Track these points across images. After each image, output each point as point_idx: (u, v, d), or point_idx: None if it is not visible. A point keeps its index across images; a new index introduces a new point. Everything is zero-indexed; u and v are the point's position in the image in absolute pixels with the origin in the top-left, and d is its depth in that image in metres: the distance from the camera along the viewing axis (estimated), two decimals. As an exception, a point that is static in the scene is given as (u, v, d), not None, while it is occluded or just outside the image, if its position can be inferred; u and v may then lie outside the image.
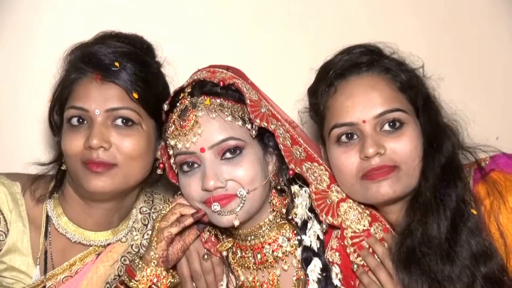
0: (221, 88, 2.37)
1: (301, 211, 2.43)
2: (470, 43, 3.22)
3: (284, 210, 2.46)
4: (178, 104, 2.39)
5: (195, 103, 2.35)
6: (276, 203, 2.46)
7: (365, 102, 2.38)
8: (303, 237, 2.42)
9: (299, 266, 2.44)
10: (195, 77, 2.42)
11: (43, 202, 2.53)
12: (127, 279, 2.46)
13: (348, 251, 2.40)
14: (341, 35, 2.55)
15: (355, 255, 2.39)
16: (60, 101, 2.48)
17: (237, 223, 2.34)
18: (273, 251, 2.47)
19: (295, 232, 2.45)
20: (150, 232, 2.57)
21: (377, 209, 2.47)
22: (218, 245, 2.53)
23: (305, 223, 2.43)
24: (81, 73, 2.44)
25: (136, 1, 3.03)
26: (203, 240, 2.55)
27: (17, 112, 2.92)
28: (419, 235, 2.33)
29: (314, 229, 2.42)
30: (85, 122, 2.41)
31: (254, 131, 2.35)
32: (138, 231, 2.66)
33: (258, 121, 2.33)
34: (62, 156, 2.48)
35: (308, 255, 2.40)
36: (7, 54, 2.95)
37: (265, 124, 2.34)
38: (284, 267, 2.47)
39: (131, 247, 2.64)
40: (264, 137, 2.41)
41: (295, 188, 2.46)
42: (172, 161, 2.43)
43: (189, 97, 2.37)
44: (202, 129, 2.32)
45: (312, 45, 2.52)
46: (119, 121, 2.41)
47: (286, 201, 2.47)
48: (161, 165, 2.48)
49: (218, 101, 2.35)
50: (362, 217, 2.42)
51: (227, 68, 2.45)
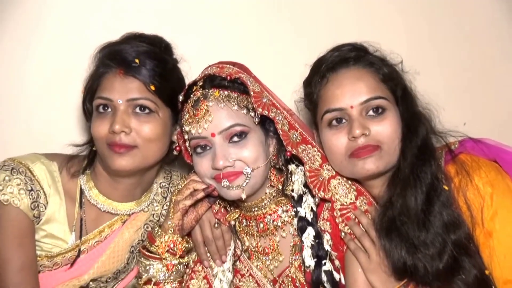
0: (229, 82, 2.37)
1: (297, 186, 2.43)
2: (441, 43, 3.22)
3: (280, 187, 2.46)
4: (191, 95, 2.39)
5: (206, 94, 2.35)
6: (274, 179, 2.46)
7: (352, 91, 2.38)
8: (298, 209, 2.42)
9: (296, 233, 2.45)
10: (206, 72, 2.41)
11: (77, 177, 2.54)
12: (148, 244, 2.48)
13: (337, 221, 2.39)
14: (331, 35, 2.53)
15: (343, 225, 2.39)
16: (91, 92, 2.49)
17: (244, 196, 2.35)
18: (273, 221, 2.48)
19: (292, 204, 2.45)
20: (168, 204, 2.59)
21: (363, 185, 2.46)
22: (227, 215, 2.54)
23: (300, 197, 2.43)
24: (107, 68, 2.44)
25: (158, 6, 3.02)
26: (213, 211, 2.55)
27: (56, 100, 2.91)
28: (398, 207, 2.33)
29: (308, 202, 2.42)
30: (109, 110, 2.42)
31: (257, 118, 2.36)
32: (158, 202, 2.66)
33: (260, 109, 2.33)
34: (92, 138, 2.49)
35: (303, 224, 2.41)
36: (49, 52, 2.95)
37: (266, 112, 2.34)
38: (283, 235, 2.48)
39: (152, 216, 2.64)
40: (266, 123, 2.40)
41: (292, 167, 2.45)
42: (187, 144, 2.41)
43: (201, 89, 2.37)
44: (212, 117, 2.32)
45: (307, 44, 2.52)
46: (138, 109, 2.42)
47: (282, 178, 2.47)
48: (178, 148, 2.50)
49: (226, 92, 2.35)
50: (349, 192, 2.41)
51: (234, 64, 2.44)
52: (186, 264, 2.56)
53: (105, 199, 2.55)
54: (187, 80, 2.51)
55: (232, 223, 2.55)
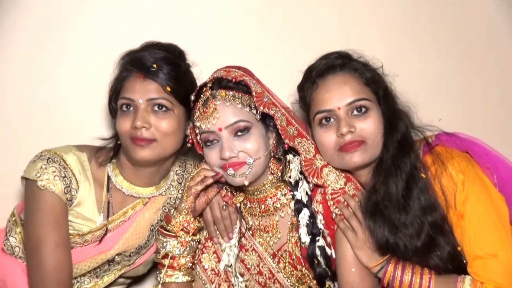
0: (234, 83, 2.34)
1: (294, 173, 2.42)
2: (417, 49, 3.21)
3: (279, 174, 2.45)
4: (202, 95, 2.37)
5: (214, 94, 2.33)
6: (273, 168, 2.45)
7: (339, 94, 2.35)
8: (295, 193, 2.41)
9: (293, 214, 2.44)
10: (215, 75, 2.40)
11: (104, 166, 2.54)
12: (165, 223, 2.49)
13: (328, 203, 2.39)
14: (320, 45, 2.51)
15: (334, 207, 2.37)
16: (115, 93, 2.48)
17: (246, 183, 2.34)
18: (273, 203, 2.46)
19: (289, 189, 2.44)
20: (183, 189, 2.58)
21: (351, 173, 2.44)
22: (233, 199, 2.53)
23: (297, 182, 2.42)
24: (129, 72, 2.44)
25: (174, 19, 3.02)
26: (221, 195, 2.55)
27: (86, 101, 2.91)
28: (382, 192, 2.32)
29: (304, 187, 2.41)
30: (131, 109, 2.41)
31: (258, 115, 2.33)
32: (174, 187, 2.65)
33: (261, 108, 2.31)
34: (117, 133, 2.49)
35: (299, 206, 2.40)
36: (80, 60, 2.97)
37: (267, 110, 2.32)
38: (282, 215, 2.47)
39: (169, 199, 2.63)
40: (266, 119, 2.38)
41: (289, 157, 2.44)
42: (198, 137, 2.41)
43: (210, 90, 2.35)
44: (220, 114, 2.30)
45: (300, 54, 2.50)
46: (156, 108, 2.41)
47: (281, 167, 2.45)
48: (190, 141, 2.47)
49: (231, 93, 2.33)
50: (339, 179, 2.40)
51: (239, 68, 2.42)
52: (198, 240, 2.55)
53: (129, 185, 2.54)
54: (198, 82, 2.49)
55: (238, 205, 2.54)
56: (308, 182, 2.42)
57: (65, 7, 2.96)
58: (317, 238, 2.39)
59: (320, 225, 2.41)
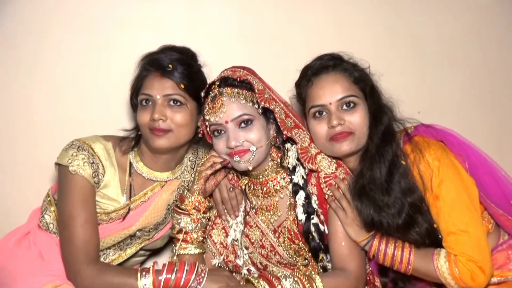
0: (238, 82, 2.34)
1: (292, 160, 2.42)
2: (399, 51, 3.20)
3: (279, 160, 2.45)
4: (210, 92, 2.37)
5: (222, 92, 2.33)
6: (274, 155, 2.45)
7: (331, 91, 2.35)
8: (293, 177, 2.41)
9: (291, 195, 2.44)
10: (222, 75, 2.40)
11: (127, 154, 2.54)
12: (179, 203, 2.50)
13: (322, 186, 2.39)
14: (316, 48, 2.51)
15: (326, 189, 2.38)
16: (136, 90, 2.48)
17: (250, 168, 2.35)
18: (274, 186, 2.46)
19: (288, 173, 2.44)
20: (195, 173, 2.58)
21: (341, 159, 2.44)
22: (239, 182, 2.53)
23: (294, 168, 2.42)
24: (148, 72, 2.43)
25: (187, 26, 3.04)
26: (229, 178, 2.55)
27: (110, 97, 2.92)
28: (367, 177, 2.32)
29: (300, 172, 2.42)
30: (150, 103, 2.41)
31: (260, 110, 2.33)
32: (188, 172, 2.64)
33: (262, 103, 2.31)
34: (138, 125, 2.49)
35: (296, 188, 2.40)
36: (108, 61, 2.98)
37: (267, 105, 2.32)
38: (281, 196, 2.47)
39: (183, 182, 2.62)
40: (267, 113, 2.38)
41: (287, 145, 2.44)
42: (208, 129, 2.41)
43: (218, 88, 2.35)
44: (226, 108, 2.31)
45: (298, 55, 2.48)
46: (172, 102, 2.40)
47: (280, 154, 2.45)
48: (201, 131, 2.47)
49: (236, 90, 2.33)
50: (331, 164, 2.40)
51: (243, 68, 2.42)
52: (208, 218, 2.56)
53: (148, 170, 2.54)
54: (208, 80, 2.48)
55: (243, 187, 2.54)
56: (304, 168, 2.42)
57: (93, 17, 2.99)
58: (312, 216, 2.40)
59: (315, 205, 2.41)
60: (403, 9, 3.23)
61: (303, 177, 2.43)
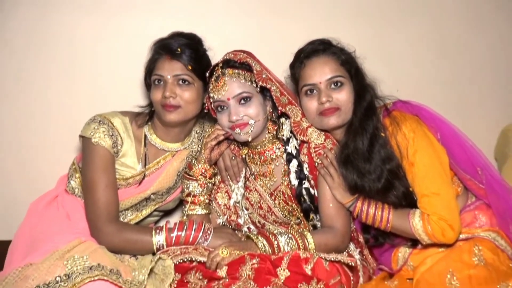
0: (239, 64, 2.34)
1: (286, 132, 2.42)
2: (380, 38, 3.18)
3: (274, 133, 2.45)
4: (214, 73, 2.37)
5: (224, 72, 2.33)
6: (270, 128, 2.45)
7: (320, 72, 2.34)
8: (287, 147, 2.42)
9: (285, 163, 2.45)
10: (225, 57, 2.39)
11: (142, 127, 2.53)
12: (188, 170, 2.50)
13: (312, 155, 2.39)
14: (308, 34, 2.50)
15: (316, 158, 2.38)
16: (149, 71, 2.47)
17: (249, 139, 2.36)
18: (270, 155, 2.46)
19: (282, 144, 2.45)
20: (201, 144, 2.58)
21: (329, 132, 2.43)
22: (240, 151, 2.53)
23: (288, 139, 2.42)
24: (160, 55, 2.42)
25: (194, 14, 3.01)
26: (231, 148, 2.55)
27: (127, 78, 2.90)
28: (352, 147, 2.32)
29: (293, 143, 2.42)
30: (162, 83, 2.41)
31: (258, 88, 2.33)
32: (195, 143, 2.63)
33: (260, 82, 2.31)
34: (151, 102, 2.50)
35: (289, 157, 2.41)
36: (125, 47, 2.97)
37: (264, 84, 2.32)
38: (276, 164, 2.47)
39: (191, 152, 2.62)
40: (264, 91, 2.37)
41: (282, 120, 2.43)
42: (212, 105, 2.41)
43: (220, 69, 2.34)
44: (228, 87, 2.31)
45: (293, 40, 2.46)
46: (181, 82, 2.40)
47: (276, 127, 2.46)
48: (207, 107, 2.47)
49: (237, 71, 2.33)
50: (320, 136, 2.39)
51: (243, 52, 2.41)
52: (213, 183, 2.56)
53: (161, 141, 2.54)
54: (213, 62, 2.47)
55: (243, 156, 2.54)
56: (296, 139, 2.43)
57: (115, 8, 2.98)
58: (303, 182, 2.41)
59: (306, 172, 2.42)
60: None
61: (295, 147, 2.43)
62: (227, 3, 3.06)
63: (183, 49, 2.41)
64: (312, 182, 2.43)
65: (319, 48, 2.41)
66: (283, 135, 2.43)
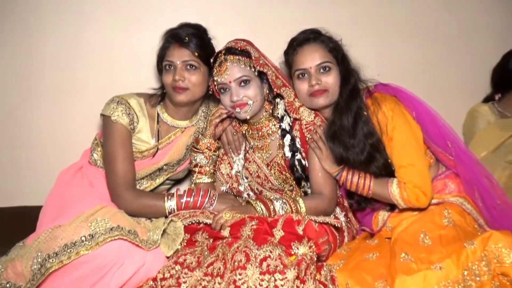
0: (239, 51, 2.32)
1: (281, 111, 2.42)
2: (363, 29, 3.15)
3: (270, 111, 2.45)
4: (218, 59, 2.36)
5: (226, 58, 2.32)
6: (267, 107, 2.45)
7: (311, 58, 2.33)
8: (281, 124, 2.42)
9: (280, 138, 2.44)
10: (227, 45, 2.38)
11: (155, 107, 2.52)
12: (195, 144, 2.51)
13: (303, 131, 2.40)
14: (299, 24, 2.48)
15: (307, 133, 2.39)
16: (161, 58, 2.45)
17: (248, 117, 2.36)
18: (267, 131, 2.46)
19: (277, 121, 2.44)
20: (207, 122, 2.59)
21: (318, 111, 2.43)
22: (240, 128, 2.53)
23: (282, 117, 2.42)
24: (170, 43, 2.40)
25: (200, 8, 2.98)
26: (232, 125, 2.54)
27: (143, 64, 2.88)
28: (338, 124, 2.33)
29: (287, 120, 2.42)
30: (172, 68, 2.39)
31: (256, 72, 2.33)
32: (202, 121, 2.62)
33: (258, 67, 2.30)
34: (163, 85, 2.48)
35: (284, 133, 2.41)
36: (140, 37, 2.94)
37: (262, 69, 2.31)
38: (272, 138, 2.47)
39: (198, 129, 2.61)
40: (261, 75, 2.36)
41: (277, 100, 2.43)
42: (216, 87, 2.40)
43: (223, 55, 2.33)
44: (229, 72, 2.30)
45: (287, 30, 2.45)
46: (188, 67, 2.38)
47: (272, 107, 2.45)
48: (211, 89, 2.46)
49: (237, 57, 2.31)
50: (310, 114, 2.40)
51: (244, 40, 2.39)
52: (217, 155, 2.57)
53: (172, 119, 2.53)
54: (216, 50, 2.45)
55: (243, 132, 2.54)
56: (290, 117, 2.42)
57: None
58: (296, 154, 2.41)
59: (298, 145, 2.42)
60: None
61: (289, 124, 2.42)
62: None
63: (190, 38, 2.39)
64: (304, 154, 2.43)
65: (310, 37, 2.39)
66: (278, 113, 2.43)
